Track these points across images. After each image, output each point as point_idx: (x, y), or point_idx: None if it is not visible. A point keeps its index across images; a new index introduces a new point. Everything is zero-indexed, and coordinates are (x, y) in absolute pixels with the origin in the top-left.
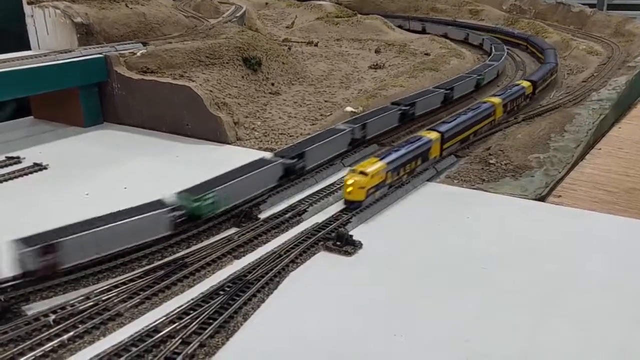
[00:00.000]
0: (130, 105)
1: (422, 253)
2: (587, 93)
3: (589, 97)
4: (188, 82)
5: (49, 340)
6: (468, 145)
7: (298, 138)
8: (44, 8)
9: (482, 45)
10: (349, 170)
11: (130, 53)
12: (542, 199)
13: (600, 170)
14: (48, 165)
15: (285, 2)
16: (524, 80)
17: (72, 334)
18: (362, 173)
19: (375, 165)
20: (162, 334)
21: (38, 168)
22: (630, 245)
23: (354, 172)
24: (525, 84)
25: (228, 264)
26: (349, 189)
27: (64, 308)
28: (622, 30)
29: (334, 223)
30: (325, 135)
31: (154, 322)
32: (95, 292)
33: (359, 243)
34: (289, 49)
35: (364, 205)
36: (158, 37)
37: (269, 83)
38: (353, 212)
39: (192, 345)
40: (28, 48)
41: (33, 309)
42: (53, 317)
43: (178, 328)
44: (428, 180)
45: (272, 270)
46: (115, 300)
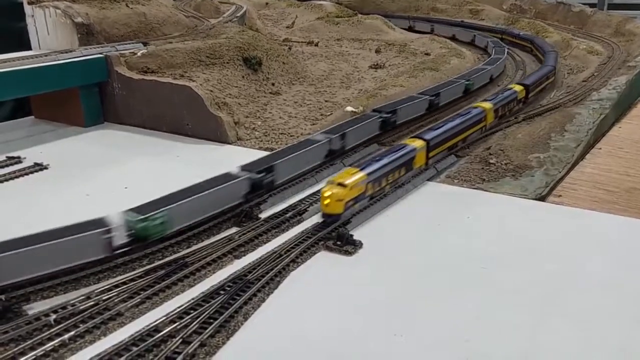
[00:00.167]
0: (131, 105)
1: (422, 253)
2: (587, 93)
3: (590, 96)
4: (188, 82)
5: (50, 340)
6: (468, 146)
7: (298, 138)
8: (45, 8)
9: (486, 48)
10: (327, 182)
11: (131, 53)
12: (542, 199)
13: (601, 170)
14: (49, 165)
15: (286, 2)
16: (517, 84)
17: (72, 334)
18: (340, 185)
19: (355, 177)
20: (162, 334)
21: (39, 168)
22: (631, 245)
23: (332, 183)
24: (518, 88)
25: (228, 264)
26: (326, 202)
27: (65, 307)
28: (622, 30)
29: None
30: (299, 147)
31: (155, 321)
32: (96, 291)
33: (360, 243)
34: (290, 49)
35: (343, 219)
36: (158, 37)
37: (270, 83)
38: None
39: (192, 345)
40: (29, 48)
41: (34, 309)
42: (54, 316)
43: (178, 327)
44: (428, 180)
45: (272, 270)
46: (116, 300)
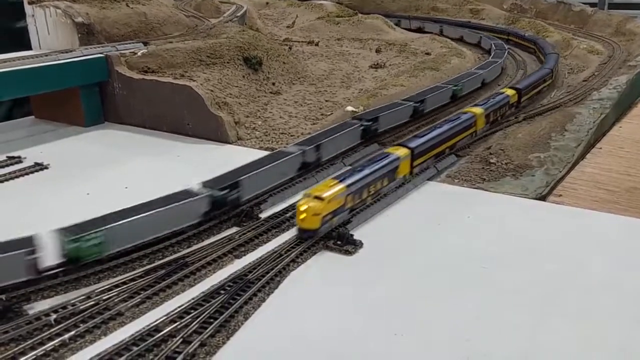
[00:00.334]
0: (131, 105)
1: (422, 252)
2: (587, 92)
3: (590, 96)
4: (189, 81)
5: (50, 340)
6: (468, 145)
7: (299, 137)
8: (45, 8)
9: (490, 50)
10: (304, 194)
11: (131, 53)
12: (542, 199)
13: (601, 170)
14: (49, 165)
15: (286, 1)
16: (509, 88)
17: (73, 333)
18: (317, 198)
19: (333, 189)
20: (163, 333)
21: (39, 168)
22: (631, 245)
23: (309, 196)
24: (510, 92)
25: (229, 263)
26: (302, 216)
27: (65, 307)
28: (622, 30)
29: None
30: (269, 160)
31: (155, 321)
32: (96, 291)
33: (360, 242)
34: (290, 49)
35: (319, 234)
36: (159, 36)
37: (270, 83)
38: (308, 240)
39: (193, 345)
40: (29, 48)
41: (34, 308)
42: (54, 316)
43: (179, 327)
44: (428, 180)
45: (272, 270)
46: (116, 300)
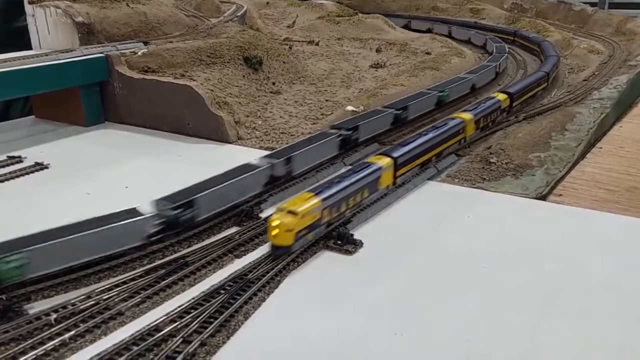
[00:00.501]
0: (132, 105)
1: (422, 252)
2: (588, 92)
3: (590, 95)
4: (189, 81)
5: (51, 339)
6: (468, 145)
7: (299, 137)
8: (45, 7)
9: (493, 52)
10: (277, 209)
11: (132, 52)
12: (543, 198)
13: (602, 169)
14: (49, 165)
15: (287, 1)
16: (500, 93)
17: (73, 333)
18: (290, 213)
19: (308, 203)
20: (163, 333)
21: (39, 167)
22: (632, 245)
23: (282, 211)
24: (502, 97)
25: (229, 263)
26: (274, 232)
27: (65, 307)
28: (623, 29)
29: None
30: (233, 174)
31: (155, 321)
32: (96, 291)
33: (360, 242)
34: (290, 48)
35: (294, 251)
36: (159, 36)
37: (270, 82)
38: (280, 258)
39: (193, 344)
40: (29, 47)
41: (34, 308)
42: (54, 316)
43: (179, 327)
44: (429, 179)
45: (272, 269)
46: (116, 299)
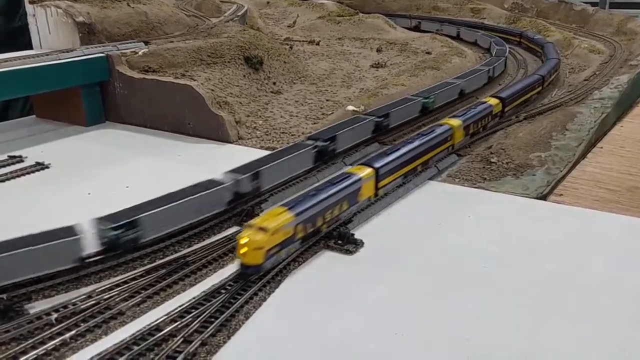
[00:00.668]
0: (132, 105)
1: (423, 252)
2: (589, 91)
3: (591, 95)
4: (190, 81)
5: (51, 339)
6: (468, 145)
7: (299, 137)
8: (46, 7)
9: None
10: (245, 225)
11: (132, 52)
12: (543, 198)
13: (602, 169)
14: (50, 165)
15: (287, 1)
16: (492, 97)
17: (74, 333)
18: (261, 229)
19: (280, 219)
20: (163, 333)
21: (40, 167)
22: (632, 245)
23: (251, 227)
24: (493, 102)
25: (229, 263)
26: (243, 250)
27: (66, 307)
28: (624, 29)
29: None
30: (192, 191)
31: (156, 320)
32: (97, 290)
33: (360, 242)
34: (291, 48)
35: (266, 268)
36: (160, 36)
37: (271, 82)
38: (257, 274)
39: (193, 344)
40: (30, 47)
41: (35, 308)
42: (55, 315)
43: (180, 327)
44: (429, 179)
45: (273, 269)
46: (117, 299)
